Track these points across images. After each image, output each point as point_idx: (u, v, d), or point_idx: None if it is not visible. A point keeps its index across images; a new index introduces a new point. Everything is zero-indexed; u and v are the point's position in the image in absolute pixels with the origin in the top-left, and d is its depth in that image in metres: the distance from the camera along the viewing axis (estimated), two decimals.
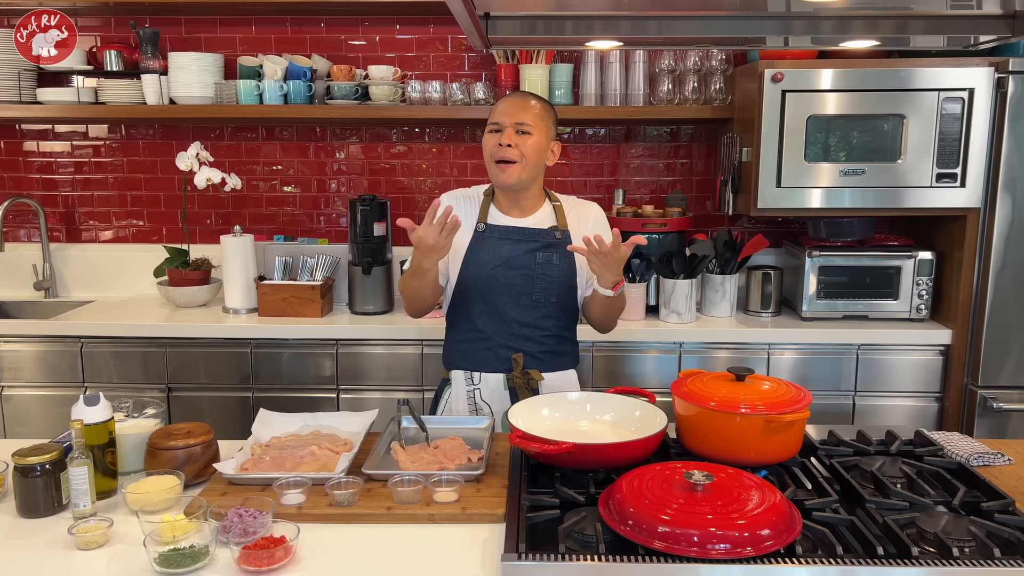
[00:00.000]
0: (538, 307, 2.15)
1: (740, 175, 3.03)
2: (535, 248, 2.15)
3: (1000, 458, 1.82)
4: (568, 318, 2.22)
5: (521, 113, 2.11)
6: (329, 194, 3.54)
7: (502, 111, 2.13)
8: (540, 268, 2.14)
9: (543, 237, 2.16)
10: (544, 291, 2.15)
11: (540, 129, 2.13)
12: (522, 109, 2.11)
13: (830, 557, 1.31)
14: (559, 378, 2.20)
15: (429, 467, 1.73)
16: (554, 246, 2.16)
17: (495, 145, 2.11)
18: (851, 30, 1.77)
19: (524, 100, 2.15)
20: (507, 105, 2.13)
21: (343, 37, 3.41)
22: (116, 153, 3.53)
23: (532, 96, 2.17)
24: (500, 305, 2.15)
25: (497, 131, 2.12)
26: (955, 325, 2.91)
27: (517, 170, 2.09)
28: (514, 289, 2.14)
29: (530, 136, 2.10)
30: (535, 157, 2.12)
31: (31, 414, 3.04)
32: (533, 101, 2.15)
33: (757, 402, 1.63)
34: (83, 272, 3.55)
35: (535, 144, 2.11)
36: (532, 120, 2.11)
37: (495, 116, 2.14)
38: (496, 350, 2.17)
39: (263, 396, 3.01)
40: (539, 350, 2.17)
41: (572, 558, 1.32)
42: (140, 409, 1.92)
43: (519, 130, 2.10)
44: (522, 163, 2.09)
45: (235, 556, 1.39)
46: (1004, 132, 2.75)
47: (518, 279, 2.14)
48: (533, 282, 2.14)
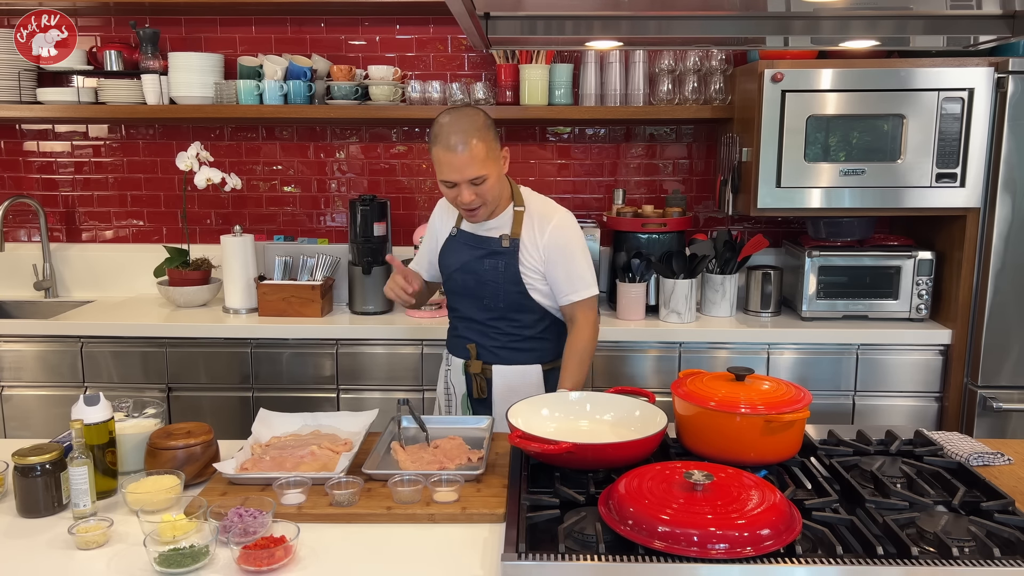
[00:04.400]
0: (489, 310, 2.24)
1: (740, 175, 3.03)
2: (483, 255, 2.20)
3: (1000, 458, 1.82)
4: (530, 318, 2.23)
5: (469, 168, 2.00)
6: (329, 194, 3.54)
7: (449, 167, 2.01)
8: (487, 275, 2.20)
9: (490, 245, 2.19)
10: (492, 296, 2.21)
11: (490, 165, 2.04)
12: (468, 163, 1.99)
13: (830, 557, 1.31)
14: (514, 372, 2.25)
15: (429, 467, 1.73)
16: (500, 254, 2.18)
17: (455, 198, 2.08)
18: (851, 30, 1.77)
19: (465, 152, 1.99)
20: (451, 159, 2.00)
21: (343, 37, 3.41)
22: (116, 153, 3.53)
23: (467, 135, 2.00)
24: (460, 304, 2.30)
25: (452, 186, 2.05)
26: (955, 325, 2.91)
27: (483, 212, 2.13)
28: (468, 291, 2.25)
29: (485, 180, 2.04)
30: (496, 193, 2.11)
31: (31, 414, 3.04)
32: (473, 142, 1.99)
33: (757, 402, 1.63)
34: (83, 272, 3.55)
35: (491, 184, 2.07)
36: (480, 167, 2.01)
37: (443, 172, 2.03)
38: (459, 339, 2.32)
39: (263, 396, 3.01)
40: (493, 345, 2.26)
41: (572, 558, 1.32)
42: (140, 409, 1.92)
43: (473, 182, 2.03)
44: (486, 204, 2.11)
45: (235, 556, 1.39)
46: (1004, 132, 2.75)
47: (471, 283, 2.23)
48: (483, 287, 2.21)
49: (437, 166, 2.06)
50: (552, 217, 2.18)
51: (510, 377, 2.25)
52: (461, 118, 2.02)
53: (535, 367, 2.26)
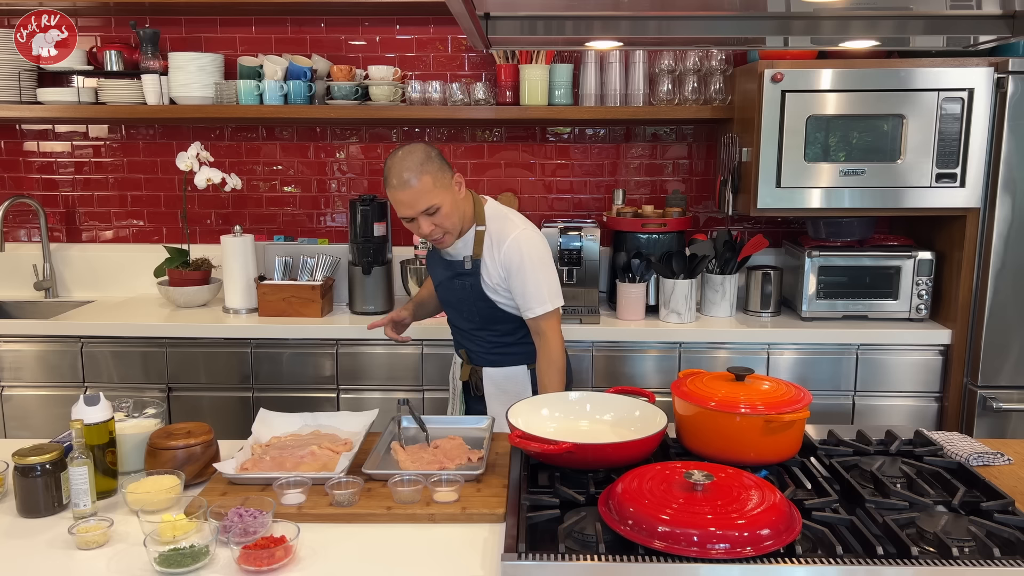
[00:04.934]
0: (470, 321, 2.35)
1: (740, 175, 3.03)
2: (452, 276, 2.31)
3: (1000, 458, 1.82)
4: (507, 327, 2.31)
5: (419, 200, 2.08)
6: (329, 194, 3.54)
7: (401, 203, 2.10)
8: (458, 293, 2.32)
9: (455, 267, 2.29)
10: (468, 311, 2.33)
11: (441, 193, 2.11)
12: (417, 197, 2.08)
13: (830, 557, 1.31)
14: (502, 373, 2.35)
15: (429, 467, 1.73)
16: (465, 275, 2.27)
17: (416, 231, 2.17)
18: (851, 30, 1.77)
19: (412, 187, 2.07)
20: (401, 196, 2.09)
21: (343, 37, 3.41)
22: (116, 153, 3.53)
23: (411, 171, 2.07)
24: (448, 313, 2.45)
25: (410, 220, 2.14)
26: (955, 325, 2.91)
27: (449, 239, 2.21)
28: (450, 304, 2.40)
29: (439, 209, 2.11)
30: (455, 219, 2.17)
31: (31, 414, 3.04)
32: (418, 176, 2.07)
33: (757, 402, 1.63)
34: (83, 272, 3.56)
35: (447, 212, 2.13)
36: (430, 197, 2.09)
37: (399, 209, 2.12)
38: (454, 343, 2.49)
39: (263, 396, 3.01)
40: (479, 349, 2.38)
41: (572, 558, 1.32)
42: (140, 409, 1.92)
43: (428, 212, 2.11)
44: (448, 234, 2.18)
45: (235, 556, 1.39)
46: (1004, 132, 2.75)
47: (452, 298, 2.36)
48: (460, 303, 2.34)
49: (395, 206, 2.14)
50: (506, 237, 2.21)
51: (498, 378, 2.35)
52: (404, 156, 2.10)
53: (521, 367, 2.34)
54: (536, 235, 2.25)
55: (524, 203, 3.50)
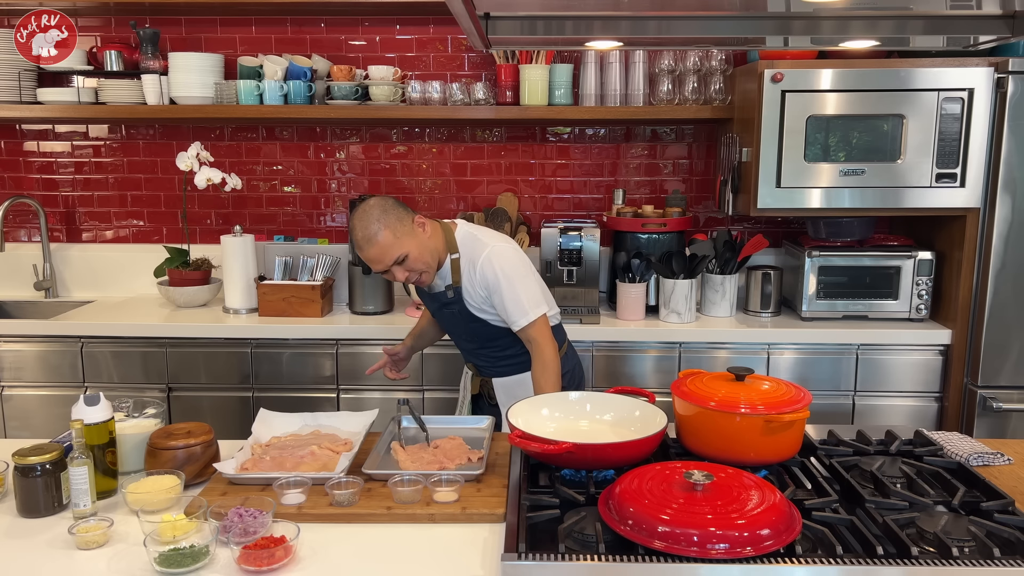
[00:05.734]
0: (470, 342, 2.43)
1: (740, 175, 3.03)
2: (439, 307, 2.38)
3: (1000, 458, 1.82)
4: (505, 342, 2.36)
5: (385, 255, 2.14)
6: (329, 194, 3.54)
7: (370, 261, 2.17)
8: (450, 320, 2.40)
9: (440, 298, 2.34)
10: (465, 335, 2.41)
11: (404, 241, 2.15)
12: (382, 253, 2.14)
13: (830, 557, 1.31)
14: (512, 380, 2.41)
15: (429, 467, 1.73)
16: (450, 303, 2.32)
17: (394, 279, 2.24)
18: (851, 30, 1.77)
19: (374, 245, 2.13)
20: (367, 255, 2.16)
21: (343, 37, 3.41)
22: (116, 153, 3.53)
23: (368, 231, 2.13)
24: (450, 335, 2.53)
25: (384, 272, 2.20)
26: (955, 325, 2.91)
27: (427, 278, 2.25)
28: (447, 330, 2.49)
29: (407, 256, 2.16)
30: (426, 259, 2.20)
31: (31, 414, 3.04)
32: (376, 235, 2.12)
33: (757, 402, 1.63)
34: (83, 272, 3.56)
35: (416, 256, 2.17)
36: (395, 249, 2.14)
37: (370, 265, 2.19)
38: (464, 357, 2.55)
39: (263, 396, 3.01)
40: (485, 364, 2.45)
41: (572, 558, 1.32)
42: (140, 409, 1.92)
43: (397, 262, 2.16)
44: (426, 273, 2.22)
45: (235, 556, 1.39)
46: (1004, 132, 2.75)
47: (447, 325, 2.45)
48: (454, 328, 2.43)
49: (366, 263, 2.22)
50: (478, 258, 2.23)
51: (509, 385, 2.41)
52: (361, 216, 2.16)
53: (527, 374, 2.33)
54: (508, 248, 2.26)
55: (524, 203, 3.50)
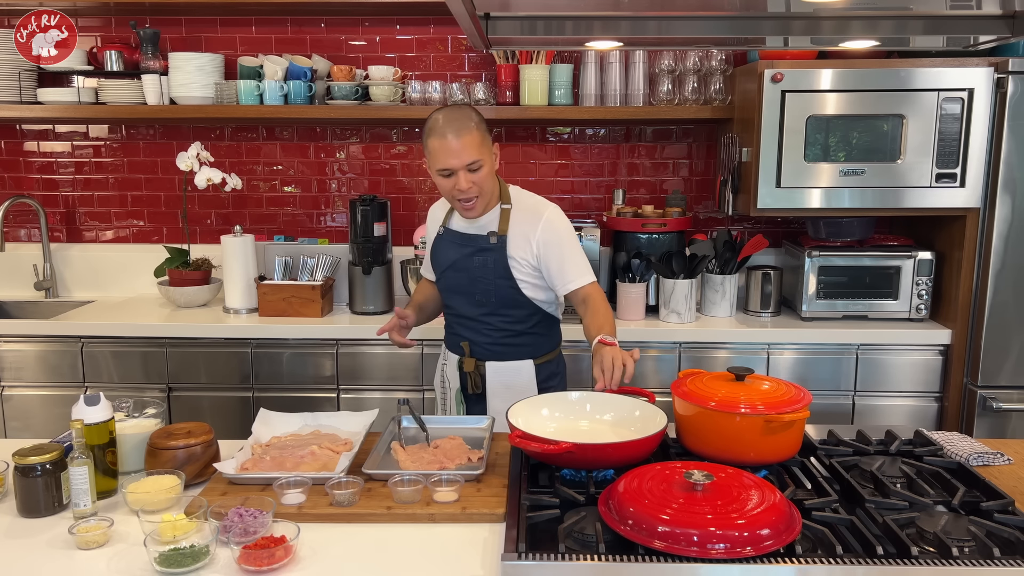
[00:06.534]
0: (481, 306, 2.27)
1: (740, 175, 3.03)
2: (472, 252, 2.24)
3: (1000, 458, 1.82)
4: (521, 313, 2.26)
5: (465, 152, 2.05)
6: (329, 194, 3.54)
7: (446, 153, 2.05)
8: (477, 271, 2.24)
9: (479, 242, 2.23)
10: (484, 292, 2.25)
11: (485, 152, 2.10)
12: (464, 148, 2.04)
13: (830, 557, 1.31)
14: (508, 367, 2.29)
15: (429, 467, 1.73)
16: (488, 250, 2.22)
17: (452, 188, 2.11)
18: (851, 30, 1.77)
19: (463, 135, 2.05)
20: (448, 145, 2.04)
21: (343, 37, 3.41)
22: (116, 153, 3.53)
23: (463, 124, 2.06)
24: (454, 301, 2.33)
25: (449, 175, 2.09)
26: (955, 325, 2.91)
27: (480, 204, 2.17)
28: (461, 289, 2.29)
29: (482, 167, 2.09)
30: (490, 184, 2.16)
31: (31, 414, 3.04)
32: (469, 130, 2.05)
33: (757, 402, 1.63)
34: (83, 272, 3.56)
35: (487, 172, 2.12)
36: (478, 152, 2.07)
37: (440, 160, 2.07)
38: (454, 336, 2.37)
39: (263, 396, 3.01)
40: (486, 341, 2.29)
41: (572, 558, 1.32)
42: (140, 409, 1.92)
43: (470, 168, 2.08)
44: (482, 195, 2.15)
45: (235, 556, 1.39)
46: (1004, 132, 2.75)
47: (463, 280, 2.27)
48: (474, 284, 2.25)
49: (432, 157, 2.09)
50: (543, 212, 2.22)
51: (504, 373, 2.29)
52: (456, 110, 2.11)
53: (527, 362, 2.30)
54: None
55: None
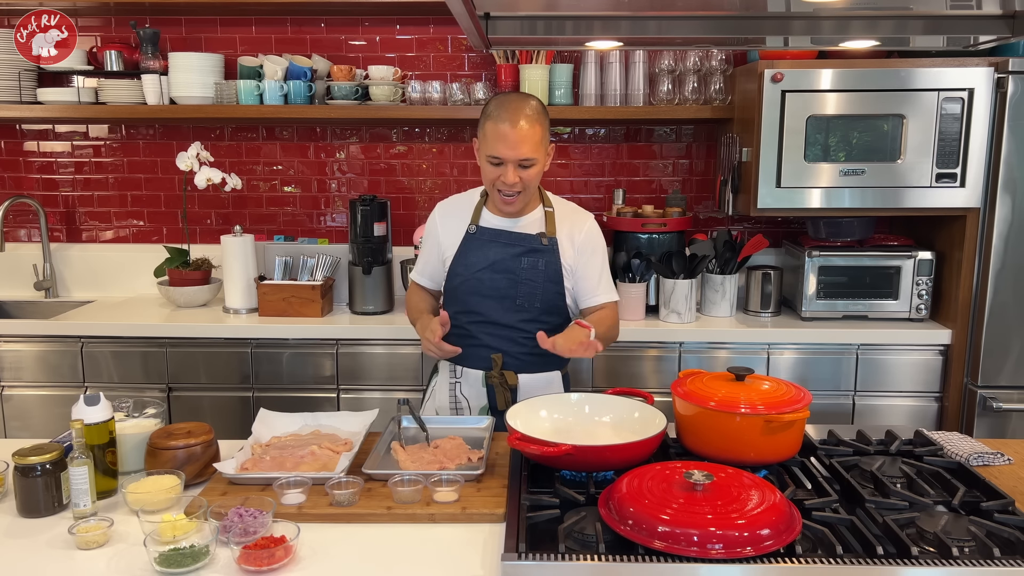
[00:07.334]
0: (521, 311, 2.15)
1: (740, 175, 3.03)
2: (520, 252, 2.13)
3: (1000, 458, 1.82)
4: (555, 321, 2.18)
5: (523, 145, 1.96)
6: (329, 194, 3.54)
7: (501, 141, 1.96)
8: (525, 273, 2.12)
9: (529, 242, 2.13)
10: (528, 296, 2.14)
11: (540, 151, 2.01)
12: (523, 141, 1.96)
13: (830, 557, 1.31)
14: (540, 379, 2.19)
15: (429, 467, 1.73)
16: (539, 252, 2.13)
17: (497, 178, 2.02)
18: (851, 30, 1.77)
19: (524, 128, 1.95)
20: (507, 133, 1.95)
21: (343, 37, 3.41)
22: (116, 153, 3.53)
23: (529, 115, 1.97)
24: (484, 307, 2.16)
25: (498, 164, 2.01)
26: (955, 325, 2.91)
27: (521, 200, 2.09)
28: (498, 292, 2.14)
29: (534, 166, 2.02)
30: (536, 181, 2.08)
31: (31, 414, 3.04)
32: (533, 122, 1.97)
33: (757, 402, 1.63)
34: (83, 272, 3.55)
35: (537, 171, 2.04)
36: (535, 148, 1.98)
37: (495, 148, 1.97)
38: (478, 348, 2.18)
39: (263, 396, 3.01)
40: (520, 351, 2.17)
41: (572, 558, 1.32)
42: (140, 409, 1.92)
43: (522, 162, 1.99)
44: (525, 192, 2.07)
45: (235, 556, 1.39)
46: (1004, 132, 2.75)
47: (503, 282, 2.14)
48: (517, 286, 2.13)
49: (485, 141, 2.01)
50: (586, 219, 2.21)
51: (536, 386, 2.18)
52: (523, 98, 2.01)
53: (557, 373, 2.24)
54: None
55: None
